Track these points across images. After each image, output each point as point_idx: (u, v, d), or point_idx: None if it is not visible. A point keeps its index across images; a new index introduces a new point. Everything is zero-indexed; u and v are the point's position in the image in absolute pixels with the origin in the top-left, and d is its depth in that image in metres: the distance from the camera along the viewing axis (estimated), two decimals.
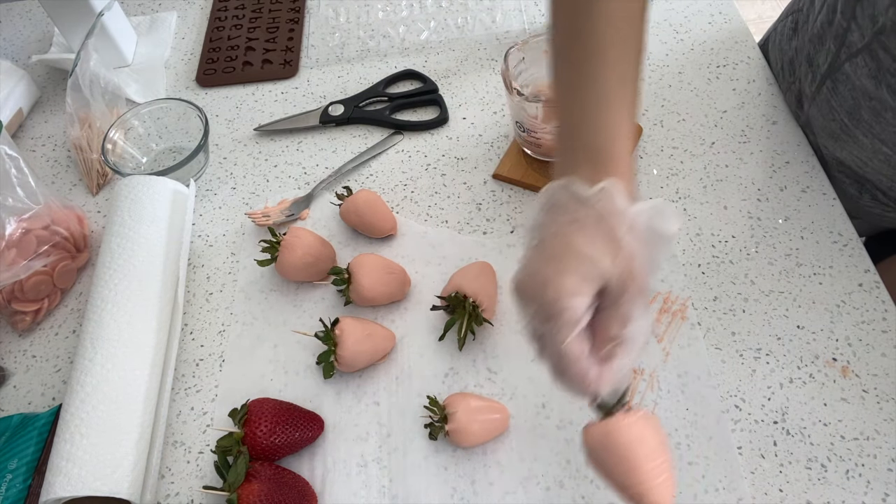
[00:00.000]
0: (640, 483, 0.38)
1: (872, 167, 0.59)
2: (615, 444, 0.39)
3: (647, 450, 0.39)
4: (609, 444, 0.39)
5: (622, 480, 0.39)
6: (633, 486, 0.38)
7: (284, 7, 0.87)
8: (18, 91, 0.78)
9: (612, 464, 0.39)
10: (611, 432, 0.39)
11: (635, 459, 0.38)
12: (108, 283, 0.56)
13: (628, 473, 0.39)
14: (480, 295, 0.54)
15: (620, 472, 0.39)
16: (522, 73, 0.62)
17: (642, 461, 0.38)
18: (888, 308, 0.54)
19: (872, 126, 0.56)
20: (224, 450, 0.48)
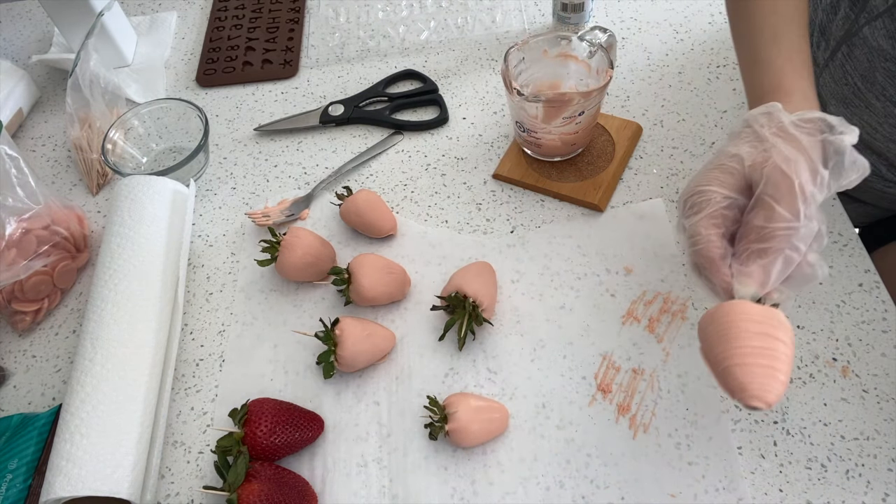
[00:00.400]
0: (730, 357, 0.35)
1: (882, 133, 0.59)
2: (721, 318, 0.37)
3: (754, 330, 0.35)
4: (716, 318, 0.37)
5: (716, 354, 0.36)
6: (723, 360, 0.35)
7: (284, 7, 0.87)
8: (18, 91, 0.78)
9: (712, 338, 0.36)
10: (722, 308, 0.37)
11: (735, 333, 0.35)
12: (108, 283, 0.56)
13: (722, 345, 0.36)
14: (480, 295, 0.54)
15: (716, 345, 0.36)
16: (522, 73, 0.62)
17: (742, 336, 0.35)
18: (888, 308, 0.54)
19: (886, 89, 0.56)
20: (224, 450, 0.48)
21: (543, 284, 0.58)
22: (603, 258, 0.59)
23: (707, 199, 0.40)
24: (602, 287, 0.58)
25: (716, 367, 0.36)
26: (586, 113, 0.58)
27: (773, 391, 0.34)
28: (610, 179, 0.63)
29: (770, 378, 0.35)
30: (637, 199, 0.63)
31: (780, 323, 0.36)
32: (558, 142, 0.61)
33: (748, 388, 0.35)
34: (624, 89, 0.72)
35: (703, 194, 0.40)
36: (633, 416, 0.51)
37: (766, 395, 0.34)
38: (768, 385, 0.34)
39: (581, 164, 0.64)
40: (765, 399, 0.34)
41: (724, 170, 0.40)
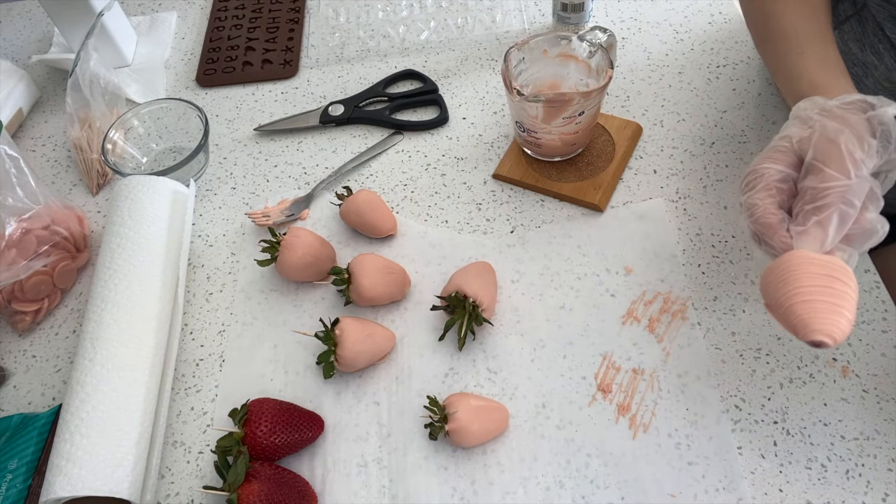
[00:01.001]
0: (792, 297, 0.35)
1: None
2: (782, 265, 0.37)
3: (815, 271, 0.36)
4: (777, 267, 0.38)
5: (777, 298, 0.36)
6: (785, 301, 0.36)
7: (284, 7, 0.87)
8: (18, 91, 0.78)
9: (773, 286, 0.37)
10: (783, 257, 0.38)
11: (796, 276, 0.36)
12: (108, 283, 0.56)
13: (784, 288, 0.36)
14: (480, 295, 0.54)
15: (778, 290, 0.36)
16: (522, 73, 0.62)
17: (803, 277, 0.36)
18: (888, 308, 0.54)
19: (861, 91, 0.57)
20: (224, 450, 0.48)
21: (543, 284, 0.58)
22: (603, 258, 0.59)
23: (761, 176, 0.42)
24: (602, 287, 0.58)
25: (778, 311, 0.37)
26: (586, 113, 0.58)
27: (838, 326, 0.35)
28: (610, 179, 0.63)
29: (834, 314, 0.35)
30: (637, 199, 0.63)
31: (842, 268, 0.37)
32: (558, 142, 0.61)
33: (810, 323, 0.35)
34: (624, 89, 0.72)
35: (757, 172, 0.42)
36: (633, 416, 0.51)
37: (829, 329, 0.34)
38: (832, 320, 0.35)
39: (581, 164, 0.64)
40: (828, 332, 0.34)
41: (776, 150, 0.42)
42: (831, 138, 0.39)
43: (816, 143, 0.40)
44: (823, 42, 0.49)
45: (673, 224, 0.61)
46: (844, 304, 0.35)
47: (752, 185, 0.42)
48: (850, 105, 0.41)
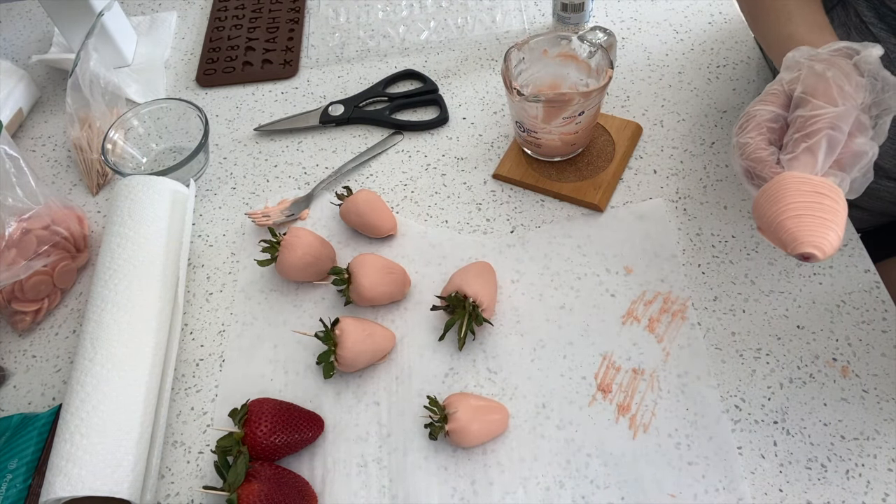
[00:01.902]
0: (781, 213, 0.36)
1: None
2: (773, 185, 0.38)
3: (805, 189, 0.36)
4: (768, 188, 0.38)
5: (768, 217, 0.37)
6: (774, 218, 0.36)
7: (284, 7, 0.87)
8: (18, 91, 0.78)
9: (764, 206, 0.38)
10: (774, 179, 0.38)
11: (785, 193, 0.37)
12: (108, 283, 0.56)
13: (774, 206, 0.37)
14: (480, 295, 0.54)
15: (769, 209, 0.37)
16: (522, 73, 0.62)
17: (792, 194, 0.36)
18: (888, 308, 0.54)
19: None
20: (224, 450, 0.48)
21: (543, 284, 0.58)
22: (603, 258, 0.59)
23: (753, 117, 0.43)
24: (602, 287, 0.58)
25: (769, 229, 0.37)
26: (586, 113, 0.58)
27: (826, 238, 0.35)
28: (610, 179, 0.63)
29: (823, 227, 0.35)
30: (637, 199, 0.63)
31: (832, 187, 0.38)
32: (558, 142, 0.61)
33: (799, 236, 0.35)
34: (624, 89, 0.72)
35: (749, 115, 0.43)
36: (633, 416, 0.51)
37: (818, 241, 0.35)
38: (821, 233, 0.35)
39: (581, 164, 0.64)
40: (816, 244, 0.35)
41: (768, 93, 0.44)
42: (819, 73, 0.41)
43: (805, 79, 0.42)
44: (810, 7, 0.50)
45: (673, 224, 0.61)
46: (833, 220, 0.36)
47: (743, 127, 0.43)
48: (837, 52, 0.43)
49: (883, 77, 0.41)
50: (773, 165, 0.41)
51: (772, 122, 0.43)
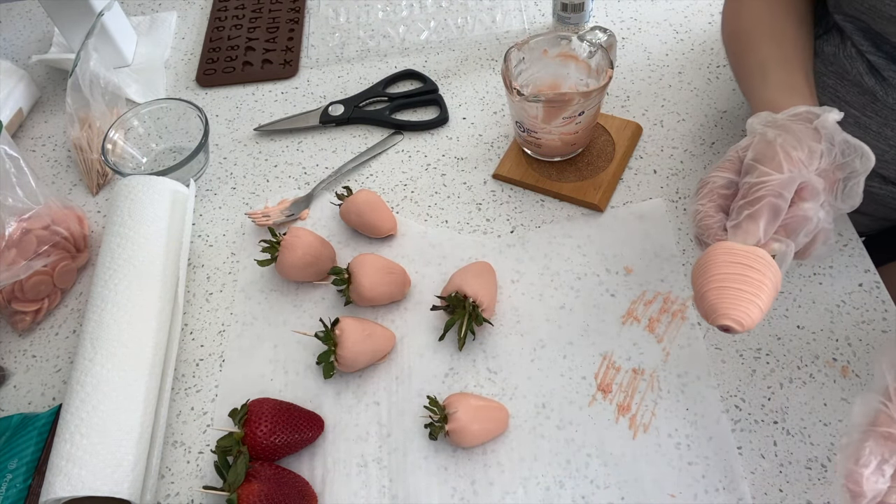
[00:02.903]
0: (705, 285, 0.37)
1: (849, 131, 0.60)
2: (704, 256, 0.39)
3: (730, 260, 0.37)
4: (701, 258, 0.39)
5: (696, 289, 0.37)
6: (699, 289, 0.37)
7: (284, 7, 0.87)
8: (18, 91, 0.78)
9: (694, 277, 0.38)
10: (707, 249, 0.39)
11: (711, 265, 0.37)
12: (108, 283, 0.56)
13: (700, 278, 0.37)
14: (480, 295, 0.54)
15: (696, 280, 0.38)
16: (522, 73, 0.62)
17: (717, 266, 0.37)
18: (888, 308, 0.54)
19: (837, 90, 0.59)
20: (224, 450, 0.48)
21: (543, 284, 0.58)
22: (603, 258, 0.59)
23: (706, 184, 0.44)
24: (602, 287, 0.58)
25: (696, 299, 0.38)
26: (586, 113, 0.58)
27: (746, 312, 0.35)
28: (610, 179, 0.63)
29: (743, 300, 0.36)
30: (637, 199, 0.63)
31: (760, 258, 0.38)
32: (558, 142, 0.61)
33: (718, 308, 0.36)
34: (624, 89, 0.72)
35: (705, 181, 0.44)
36: (633, 416, 0.51)
37: (736, 314, 0.35)
38: (740, 306, 0.36)
39: (581, 164, 0.64)
40: (734, 317, 0.35)
41: (724, 159, 0.44)
42: (769, 140, 0.41)
43: (755, 145, 0.42)
44: (788, 68, 0.51)
45: (673, 224, 0.61)
46: (755, 292, 0.36)
47: (698, 193, 0.44)
48: (797, 116, 0.43)
49: (842, 141, 0.41)
50: (719, 232, 0.41)
51: (724, 188, 0.43)
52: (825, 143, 0.41)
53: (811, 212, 0.40)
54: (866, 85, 0.56)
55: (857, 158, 0.42)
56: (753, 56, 0.53)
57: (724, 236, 0.41)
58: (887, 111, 0.56)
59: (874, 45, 0.54)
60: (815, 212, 0.40)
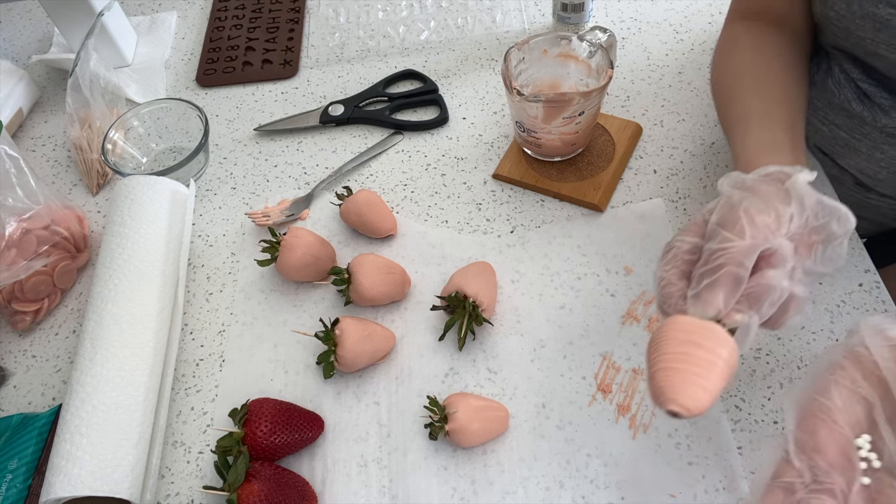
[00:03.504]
0: (654, 364, 0.35)
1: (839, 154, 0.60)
2: (657, 331, 0.37)
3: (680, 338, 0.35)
4: (655, 332, 0.37)
5: (648, 362, 0.36)
6: (649, 368, 0.36)
7: (284, 7, 0.87)
8: (18, 91, 0.78)
9: (648, 349, 0.37)
10: (664, 322, 0.37)
11: (662, 342, 0.36)
12: (108, 283, 0.56)
13: (651, 355, 0.36)
14: (480, 295, 0.54)
15: (648, 356, 0.36)
16: (522, 73, 0.62)
17: (667, 344, 0.35)
18: (888, 308, 0.54)
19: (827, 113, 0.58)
20: (224, 450, 0.48)
21: (543, 284, 0.58)
22: (603, 258, 0.59)
23: (672, 248, 0.42)
24: (602, 287, 0.58)
25: (648, 380, 0.36)
26: (586, 113, 0.58)
27: (692, 396, 0.33)
28: (610, 179, 0.63)
29: (689, 384, 0.34)
30: (637, 199, 0.63)
31: (713, 335, 0.36)
32: (558, 142, 0.61)
33: (665, 391, 0.34)
34: (624, 89, 0.72)
35: (671, 245, 0.42)
36: (633, 416, 0.51)
37: (682, 399, 0.33)
38: (686, 391, 0.34)
39: (581, 164, 0.64)
40: (680, 402, 0.33)
41: (690, 223, 0.43)
42: (734, 203, 0.39)
43: (719, 209, 0.40)
44: (769, 123, 0.49)
45: (673, 224, 0.61)
46: (704, 374, 0.34)
47: (664, 258, 0.42)
48: (767, 176, 0.41)
49: (815, 202, 0.39)
50: (679, 302, 0.39)
51: (689, 253, 0.41)
52: (795, 206, 0.39)
53: (775, 280, 0.38)
54: (853, 110, 0.55)
55: (833, 220, 0.39)
56: (736, 109, 0.52)
57: (685, 306, 0.39)
58: (876, 134, 0.56)
59: (864, 72, 0.54)
60: (781, 280, 0.38)
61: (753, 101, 0.51)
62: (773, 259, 0.38)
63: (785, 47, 0.55)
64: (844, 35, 0.51)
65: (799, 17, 0.56)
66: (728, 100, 0.54)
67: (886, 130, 0.53)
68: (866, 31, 0.48)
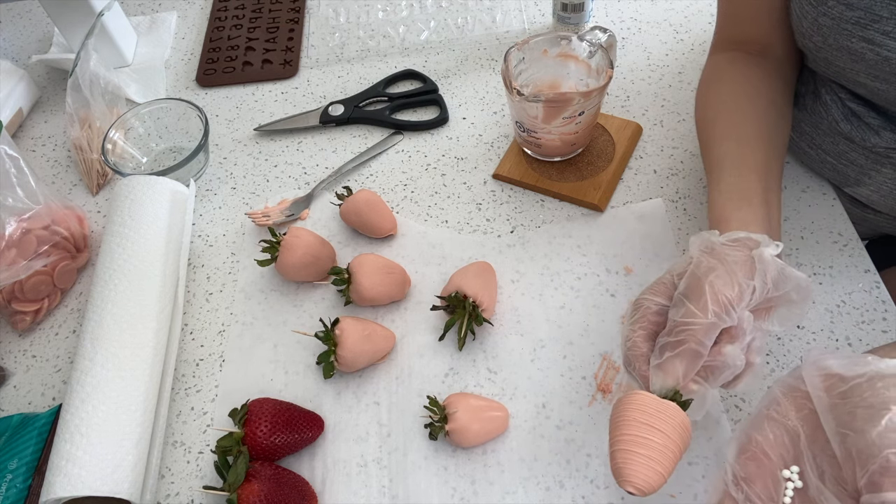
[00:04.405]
0: (614, 443, 0.38)
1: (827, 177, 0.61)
2: (620, 406, 0.39)
3: (640, 420, 0.38)
4: (617, 405, 0.40)
5: (609, 436, 0.39)
6: (610, 445, 0.39)
7: (284, 7, 0.87)
8: (18, 91, 0.78)
9: (611, 421, 0.40)
10: (624, 397, 0.40)
11: (622, 422, 0.38)
12: (108, 283, 0.56)
13: (613, 432, 0.39)
14: (480, 295, 0.54)
15: (611, 430, 0.39)
16: (522, 73, 0.62)
17: (628, 425, 0.38)
18: (888, 308, 0.54)
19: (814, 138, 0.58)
20: (224, 450, 0.48)
21: (543, 284, 0.58)
22: (603, 258, 0.59)
23: (639, 307, 0.43)
24: (602, 287, 0.58)
25: (609, 451, 0.39)
26: (586, 113, 0.58)
27: (646, 480, 0.37)
28: (610, 179, 0.63)
29: (645, 468, 0.37)
30: (637, 199, 0.63)
31: (670, 417, 0.38)
32: (558, 142, 0.61)
33: (623, 472, 0.37)
34: (624, 89, 0.72)
35: (639, 304, 0.44)
36: None
37: (637, 482, 0.37)
38: (642, 474, 0.37)
39: (581, 164, 0.64)
40: (635, 485, 0.37)
41: (659, 282, 0.44)
42: (700, 275, 0.40)
43: (687, 277, 0.41)
44: (742, 170, 0.49)
45: (673, 224, 0.61)
46: (659, 459, 0.37)
47: (631, 317, 0.44)
48: (736, 242, 0.42)
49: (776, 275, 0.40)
50: (644, 368, 0.41)
51: (656, 314, 0.43)
52: (758, 279, 0.40)
53: (731, 358, 0.40)
54: (842, 131, 0.55)
55: (793, 290, 0.41)
56: (714, 151, 0.52)
57: (647, 371, 0.41)
58: (863, 160, 0.55)
59: (851, 93, 0.54)
60: (737, 358, 0.40)
61: (729, 144, 0.52)
62: (733, 332, 0.41)
63: (766, 78, 0.56)
64: (825, 65, 0.52)
65: (782, 46, 0.56)
66: (707, 139, 0.55)
67: (876, 151, 0.53)
68: (844, 62, 0.49)
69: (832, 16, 0.47)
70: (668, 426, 0.38)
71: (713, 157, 0.52)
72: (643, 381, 0.41)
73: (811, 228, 0.59)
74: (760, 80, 0.56)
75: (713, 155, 0.53)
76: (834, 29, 0.48)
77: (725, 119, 0.54)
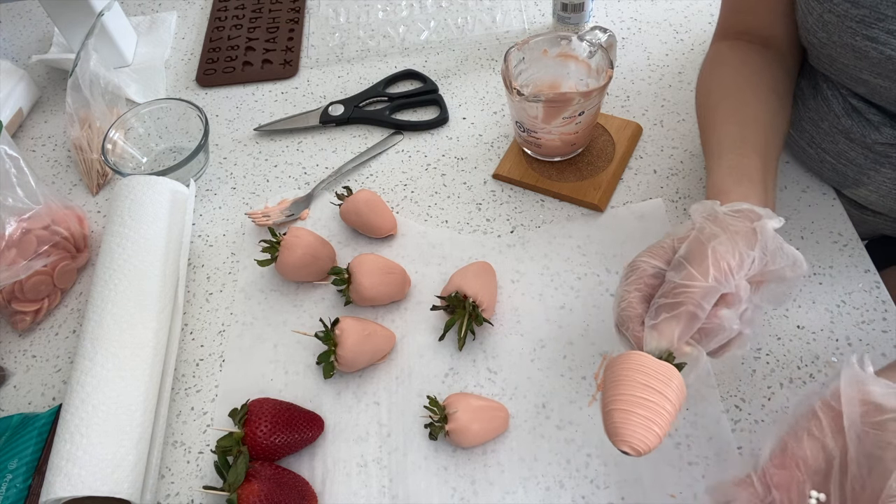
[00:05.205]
0: (614, 403, 0.38)
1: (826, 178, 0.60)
2: (617, 366, 0.39)
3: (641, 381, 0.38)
4: (614, 365, 0.39)
5: (605, 398, 0.39)
6: (608, 404, 0.38)
7: (284, 7, 0.87)
8: (18, 91, 0.78)
9: (606, 383, 0.39)
10: (621, 356, 0.39)
11: (623, 381, 0.38)
12: (108, 283, 0.56)
13: (611, 391, 0.38)
14: (480, 295, 0.54)
15: (607, 390, 0.39)
16: (522, 73, 0.62)
17: (628, 385, 0.38)
18: (888, 308, 0.54)
19: (814, 136, 0.58)
20: (224, 450, 0.48)
21: (543, 284, 0.58)
22: (603, 258, 0.59)
23: (635, 269, 0.43)
24: (602, 287, 0.58)
25: (603, 410, 0.39)
26: (586, 113, 0.58)
27: (643, 440, 0.37)
28: (610, 179, 0.63)
29: (642, 428, 0.37)
30: (637, 199, 0.63)
31: (670, 379, 0.38)
32: (558, 142, 0.61)
33: (620, 432, 0.37)
34: (624, 89, 0.72)
35: (634, 265, 0.43)
36: None
37: (634, 442, 0.37)
38: (639, 434, 0.37)
39: (581, 164, 0.64)
40: (632, 444, 0.37)
41: (657, 245, 0.44)
42: (703, 240, 0.40)
43: (689, 242, 0.41)
44: (743, 150, 0.49)
45: (673, 224, 0.61)
46: (656, 420, 0.37)
47: (626, 278, 0.43)
48: (739, 213, 0.42)
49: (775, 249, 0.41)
50: (638, 328, 0.41)
51: (652, 277, 0.42)
52: (758, 250, 0.40)
53: (727, 321, 0.40)
54: (843, 126, 0.55)
55: (788, 267, 0.41)
56: (715, 133, 0.52)
57: (642, 332, 0.41)
58: (862, 159, 0.55)
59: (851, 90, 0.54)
60: (733, 322, 0.40)
61: (730, 126, 0.52)
62: (730, 298, 0.40)
63: (768, 67, 0.56)
64: (828, 61, 0.52)
65: (784, 38, 0.57)
66: (707, 122, 0.55)
67: (875, 149, 0.53)
68: (848, 59, 0.49)
69: (837, 13, 0.47)
70: (667, 387, 0.38)
71: (714, 139, 0.52)
72: (636, 341, 0.41)
73: (811, 228, 0.59)
74: (762, 67, 0.56)
75: (714, 137, 0.52)
76: (838, 26, 0.48)
77: (727, 104, 0.54)
